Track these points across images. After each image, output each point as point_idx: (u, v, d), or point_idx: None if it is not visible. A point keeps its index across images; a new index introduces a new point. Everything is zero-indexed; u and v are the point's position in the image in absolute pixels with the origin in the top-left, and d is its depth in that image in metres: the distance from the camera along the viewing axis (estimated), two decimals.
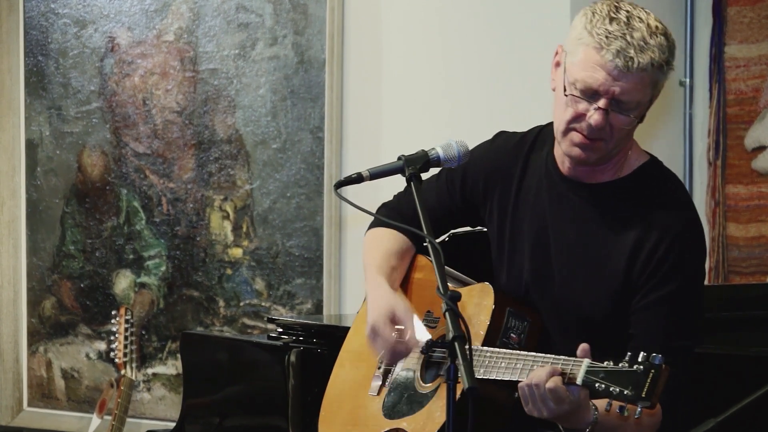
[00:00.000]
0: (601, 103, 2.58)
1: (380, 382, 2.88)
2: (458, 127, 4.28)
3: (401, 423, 2.77)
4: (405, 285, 3.00)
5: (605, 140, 2.63)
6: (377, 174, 2.64)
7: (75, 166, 5.16)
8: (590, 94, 2.60)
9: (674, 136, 4.76)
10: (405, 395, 2.82)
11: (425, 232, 2.50)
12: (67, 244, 5.19)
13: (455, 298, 2.38)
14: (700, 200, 4.73)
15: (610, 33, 2.56)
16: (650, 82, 2.59)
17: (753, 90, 4.65)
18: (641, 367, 2.31)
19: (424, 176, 2.68)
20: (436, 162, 2.65)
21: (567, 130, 2.66)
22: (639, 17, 2.59)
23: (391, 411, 2.81)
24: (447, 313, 2.36)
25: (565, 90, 2.63)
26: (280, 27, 4.74)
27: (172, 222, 4.98)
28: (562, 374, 2.43)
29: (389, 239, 2.99)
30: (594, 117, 2.60)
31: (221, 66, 4.85)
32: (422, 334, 2.79)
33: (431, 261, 2.95)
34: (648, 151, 2.82)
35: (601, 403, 2.46)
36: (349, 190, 2.75)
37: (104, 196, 5.10)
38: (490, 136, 2.99)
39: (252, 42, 4.79)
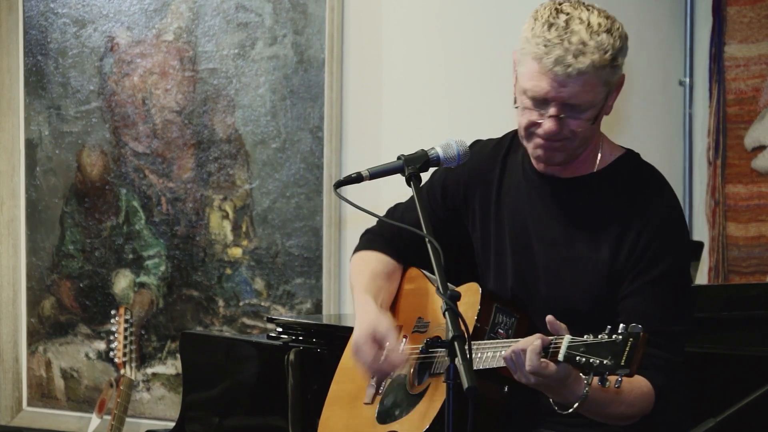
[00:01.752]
0: (552, 110, 2.60)
1: (374, 390, 2.89)
2: (458, 127, 4.28)
3: (394, 426, 2.77)
4: (396, 296, 3.01)
5: (568, 139, 2.65)
6: (377, 173, 2.65)
7: (74, 166, 5.15)
8: (540, 103, 2.61)
9: (674, 136, 4.76)
10: (397, 399, 2.82)
11: (425, 231, 2.50)
12: (67, 244, 5.19)
13: (455, 297, 2.38)
14: (700, 200, 4.73)
15: (548, 41, 2.56)
16: (598, 81, 2.59)
17: (753, 90, 4.65)
18: (620, 336, 2.34)
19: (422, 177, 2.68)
20: (435, 161, 2.66)
21: (528, 135, 2.68)
22: (580, 18, 2.58)
23: (385, 416, 2.82)
24: (447, 313, 2.36)
25: (515, 101, 2.66)
26: (280, 26, 4.74)
27: (171, 222, 4.98)
28: (545, 349, 2.43)
29: (375, 262, 3.01)
30: (546, 125, 2.62)
31: (221, 65, 4.85)
32: (403, 354, 2.78)
33: (422, 272, 2.97)
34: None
35: (595, 381, 2.46)
36: (348, 190, 2.75)
37: (104, 196, 5.10)
38: (489, 137, 3.00)
39: (251, 41, 4.79)
